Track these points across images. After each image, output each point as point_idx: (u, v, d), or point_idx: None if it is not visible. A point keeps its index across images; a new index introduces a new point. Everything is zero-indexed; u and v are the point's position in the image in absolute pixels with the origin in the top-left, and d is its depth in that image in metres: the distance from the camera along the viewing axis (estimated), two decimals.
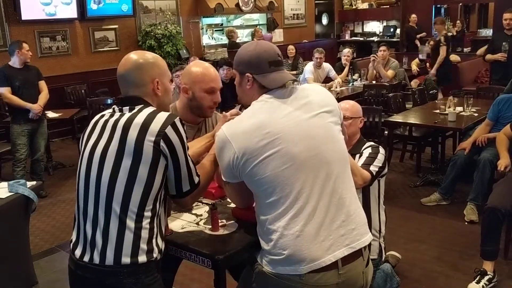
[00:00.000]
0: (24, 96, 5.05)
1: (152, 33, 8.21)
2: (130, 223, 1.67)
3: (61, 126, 7.14)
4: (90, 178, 1.73)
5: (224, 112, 2.10)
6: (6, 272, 3.07)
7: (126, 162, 1.67)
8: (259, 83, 1.81)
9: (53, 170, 6.02)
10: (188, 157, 1.77)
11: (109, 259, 1.66)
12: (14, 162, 5.13)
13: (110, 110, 1.83)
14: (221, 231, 2.00)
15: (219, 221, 2.04)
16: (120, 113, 1.78)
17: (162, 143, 1.68)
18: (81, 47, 7.84)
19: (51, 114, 5.97)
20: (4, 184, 3.14)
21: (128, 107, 1.77)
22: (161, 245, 1.76)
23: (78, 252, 1.74)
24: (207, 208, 2.23)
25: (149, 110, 1.75)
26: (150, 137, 1.67)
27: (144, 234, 1.69)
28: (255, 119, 1.73)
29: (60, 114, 6.12)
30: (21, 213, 3.16)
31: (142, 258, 1.67)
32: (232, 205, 2.15)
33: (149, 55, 1.87)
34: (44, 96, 5.23)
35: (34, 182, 3.37)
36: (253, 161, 1.68)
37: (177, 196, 1.80)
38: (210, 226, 2.02)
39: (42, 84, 5.29)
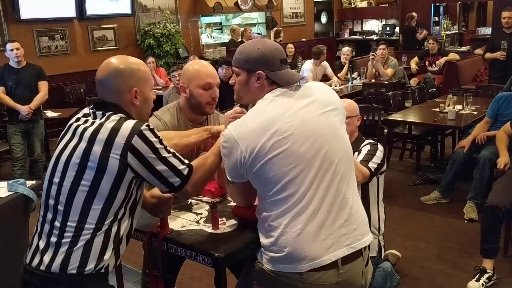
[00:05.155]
0: (16, 97, 5.02)
1: (151, 32, 8.20)
2: (86, 234, 1.63)
3: (60, 126, 7.08)
4: (52, 184, 1.70)
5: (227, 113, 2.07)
6: (6, 272, 3.06)
7: (89, 175, 1.63)
8: (271, 81, 1.78)
9: None
10: (166, 155, 1.69)
11: (55, 266, 1.62)
12: (12, 161, 5.14)
13: (87, 111, 1.78)
14: (221, 230, 1.99)
15: (219, 219, 2.03)
16: (93, 120, 1.72)
17: (129, 156, 1.63)
18: (80, 46, 7.84)
19: (50, 114, 5.95)
20: (4, 183, 3.13)
21: (101, 113, 1.72)
22: (111, 258, 1.69)
23: (29, 256, 1.71)
24: (207, 206, 2.22)
25: (115, 118, 1.68)
26: (115, 151, 1.62)
27: (97, 245, 1.64)
28: (262, 118, 1.70)
29: (59, 113, 6.09)
30: (21, 213, 3.15)
31: (89, 268, 1.63)
32: (232, 203, 2.15)
33: (132, 60, 1.78)
34: (38, 98, 5.12)
35: (33, 182, 3.36)
36: (260, 160, 1.67)
37: (173, 191, 1.76)
38: (210, 225, 2.02)
39: (41, 85, 5.18)
